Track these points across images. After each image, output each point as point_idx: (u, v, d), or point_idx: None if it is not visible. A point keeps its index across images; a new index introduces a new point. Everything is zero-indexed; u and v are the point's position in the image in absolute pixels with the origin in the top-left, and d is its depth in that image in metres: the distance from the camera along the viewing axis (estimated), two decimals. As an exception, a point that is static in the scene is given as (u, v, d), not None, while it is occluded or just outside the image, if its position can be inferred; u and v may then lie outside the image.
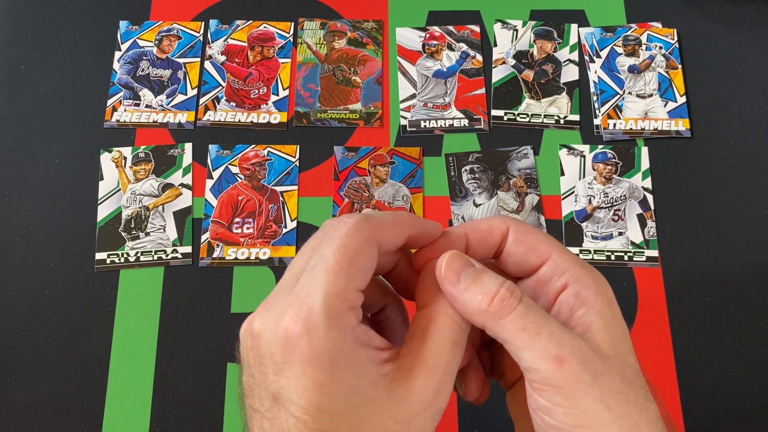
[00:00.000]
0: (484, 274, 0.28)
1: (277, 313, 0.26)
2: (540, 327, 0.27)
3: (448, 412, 0.49)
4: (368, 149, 0.57)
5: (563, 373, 0.26)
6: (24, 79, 0.60)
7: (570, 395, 0.26)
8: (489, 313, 0.27)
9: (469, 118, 0.59)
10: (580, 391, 0.26)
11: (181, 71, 0.60)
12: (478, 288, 0.27)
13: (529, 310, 0.27)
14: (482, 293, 0.27)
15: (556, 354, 0.26)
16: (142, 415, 0.49)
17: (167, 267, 0.54)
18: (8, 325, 0.52)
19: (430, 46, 0.61)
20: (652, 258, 0.54)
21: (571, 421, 0.26)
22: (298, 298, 0.25)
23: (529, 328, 0.26)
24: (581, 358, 0.26)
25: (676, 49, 0.61)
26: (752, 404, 0.50)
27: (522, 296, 0.27)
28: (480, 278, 0.28)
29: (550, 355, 0.26)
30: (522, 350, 0.27)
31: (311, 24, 0.62)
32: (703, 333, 0.52)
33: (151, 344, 0.51)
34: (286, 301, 0.26)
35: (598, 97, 0.59)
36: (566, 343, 0.26)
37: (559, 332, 0.27)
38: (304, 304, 0.25)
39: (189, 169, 0.57)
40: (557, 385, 0.26)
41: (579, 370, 0.26)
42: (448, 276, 0.28)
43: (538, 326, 0.27)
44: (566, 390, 0.26)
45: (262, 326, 0.26)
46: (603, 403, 0.26)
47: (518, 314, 0.27)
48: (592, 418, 0.26)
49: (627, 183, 0.56)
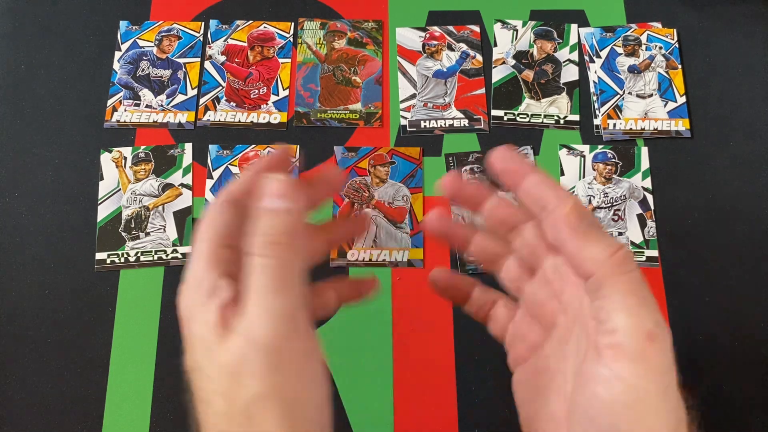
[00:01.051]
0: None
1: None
2: (647, 299, 0.26)
3: (449, 412, 0.49)
4: (368, 149, 0.57)
5: (649, 349, 0.25)
6: (24, 79, 0.60)
7: (641, 374, 0.25)
8: (607, 264, 0.26)
9: (469, 118, 0.59)
10: (652, 373, 0.26)
11: (181, 71, 0.60)
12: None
13: (642, 281, 0.26)
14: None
15: (652, 330, 0.26)
16: (142, 415, 0.49)
17: (167, 267, 0.54)
18: (8, 325, 0.52)
19: (430, 46, 0.61)
20: (652, 258, 0.54)
21: (626, 400, 0.25)
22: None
23: (638, 294, 0.26)
24: (667, 344, 0.26)
25: (676, 49, 0.61)
26: (752, 404, 0.50)
27: (637, 266, 0.27)
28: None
29: (646, 328, 0.26)
30: (621, 312, 0.26)
31: (311, 24, 0.62)
32: (703, 333, 0.52)
33: (151, 344, 0.51)
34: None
35: (598, 97, 0.59)
36: (662, 325, 0.26)
37: (659, 315, 0.26)
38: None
39: (189, 169, 0.57)
40: (636, 359, 0.25)
41: (661, 354, 0.26)
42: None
43: (646, 298, 0.26)
44: (641, 367, 0.25)
45: None
46: (663, 396, 0.26)
47: (635, 277, 0.26)
48: (648, 405, 0.25)
49: (627, 183, 0.56)
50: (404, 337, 0.51)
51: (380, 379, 0.48)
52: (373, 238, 0.55)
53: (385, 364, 0.51)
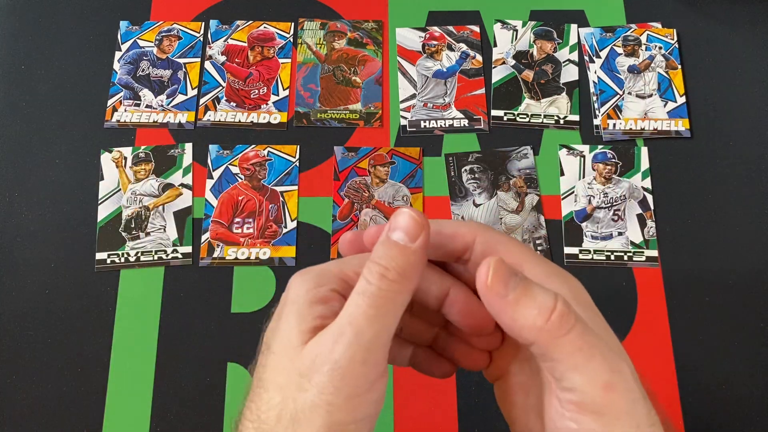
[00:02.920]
0: (533, 285, 0.26)
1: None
2: (594, 348, 0.25)
3: (449, 412, 0.49)
4: (368, 149, 0.57)
5: (609, 400, 0.25)
6: (24, 78, 0.60)
7: (606, 423, 0.25)
8: (545, 330, 0.25)
9: (468, 118, 0.59)
10: (618, 420, 0.25)
11: (182, 71, 0.60)
12: (531, 301, 0.25)
13: (586, 331, 0.25)
14: (537, 307, 0.25)
15: (608, 380, 0.25)
16: (143, 415, 0.49)
17: (167, 267, 0.54)
18: (8, 325, 0.52)
19: (430, 46, 0.61)
20: (651, 258, 0.54)
21: None
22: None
23: (585, 349, 0.25)
24: (627, 385, 0.25)
25: (675, 50, 0.61)
26: (752, 404, 0.50)
27: (578, 315, 0.25)
28: (531, 290, 0.26)
29: (601, 380, 0.25)
30: (572, 371, 0.25)
31: (311, 24, 0.62)
32: (703, 333, 0.52)
33: (151, 344, 0.51)
34: None
35: (597, 98, 0.59)
36: (616, 368, 0.25)
37: (609, 354, 0.25)
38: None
39: (189, 169, 0.57)
40: (599, 412, 0.25)
41: (622, 399, 0.25)
42: (495, 286, 0.26)
43: (593, 347, 0.25)
44: (606, 418, 0.25)
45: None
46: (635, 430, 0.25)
47: (578, 333, 0.25)
48: None
49: (627, 183, 0.56)
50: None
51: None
52: (373, 238, 0.55)
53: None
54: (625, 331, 0.52)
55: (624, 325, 0.52)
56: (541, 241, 0.54)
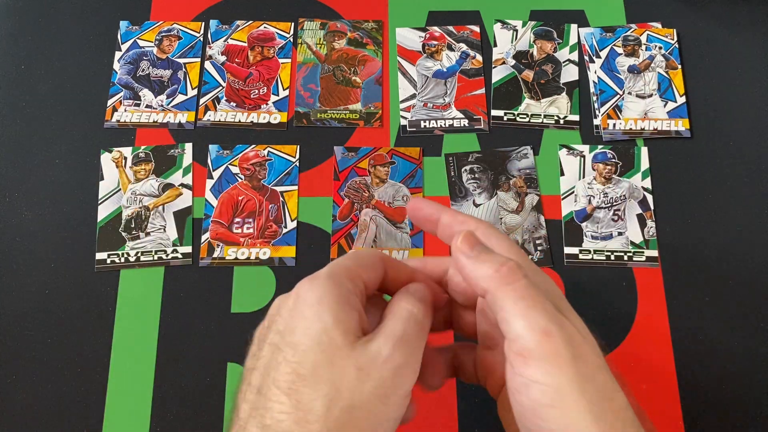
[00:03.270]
0: (493, 252, 0.32)
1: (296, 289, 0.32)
2: (537, 301, 0.29)
3: (449, 411, 0.49)
4: (368, 149, 0.57)
5: (547, 345, 0.27)
6: (24, 79, 0.60)
7: (548, 371, 0.27)
8: (495, 278, 0.30)
9: (468, 118, 0.59)
10: (558, 368, 0.27)
11: (182, 71, 0.60)
12: (489, 257, 0.31)
13: (531, 286, 0.29)
14: (492, 261, 0.30)
15: (545, 327, 0.28)
16: (143, 415, 0.49)
17: (167, 267, 0.54)
18: (8, 325, 0.52)
19: (430, 46, 0.61)
20: (651, 258, 0.54)
21: (545, 401, 0.27)
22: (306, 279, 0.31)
23: (527, 298, 0.29)
24: (567, 336, 0.28)
25: (675, 50, 0.61)
26: (752, 404, 0.50)
27: (527, 274, 0.30)
28: (490, 252, 0.31)
29: (539, 326, 0.28)
30: (515, 317, 0.28)
31: (311, 24, 0.62)
32: (703, 333, 0.52)
33: (151, 344, 0.51)
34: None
35: (597, 98, 0.59)
36: (556, 320, 0.28)
37: (553, 311, 0.29)
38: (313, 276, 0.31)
39: (189, 169, 0.57)
40: (538, 357, 0.27)
41: (562, 346, 0.27)
42: (462, 247, 0.32)
43: (535, 300, 0.29)
44: (546, 365, 0.27)
45: (281, 302, 0.32)
46: (578, 386, 0.27)
47: (522, 285, 0.29)
48: (566, 400, 0.27)
49: (627, 183, 0.56)
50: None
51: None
52: (373, 238, 0.55)
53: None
54: (625, 331, 0.52)
55: (624, 325, 0.52)
56: (541, 241, 0.54)
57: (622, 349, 0.51)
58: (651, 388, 0.50)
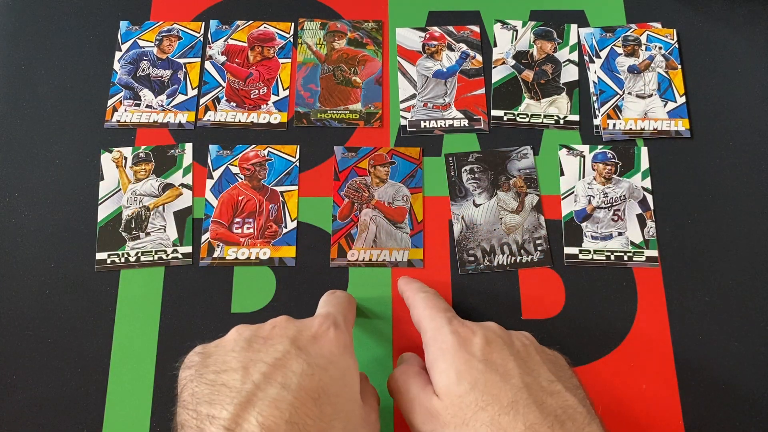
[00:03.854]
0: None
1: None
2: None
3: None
4: (368, 149, 0.57)
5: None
6: (24, 78, 0.60)
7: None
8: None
9: (468, 118, 0.59)
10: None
11: (182, 71, 0.60)
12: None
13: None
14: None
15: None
16: (143, 415, 0.49)
17: (167, 267, 0.54)
18: (8, 325, 0.52)
19: (430, 46, 0.61)
20: (651, 258, 0.54)
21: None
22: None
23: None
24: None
25: (675, 50, 0.61)
26: (752, 404, 0.50)
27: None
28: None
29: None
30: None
31: (311, 24, 0.62)
32: (703, 333, 0.52)
33: (151, 344, 0.51)
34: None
35: (597, 98, 0.59)
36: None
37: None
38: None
39: (189, 169, 0.57)
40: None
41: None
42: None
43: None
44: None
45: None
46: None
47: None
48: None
49: (627, 183, 0.56)
50: (404, 337, 0.51)
51: (380, 379, 0.48)
52: (373, 238, 0.55)
53: (385, 364, 0.51)
54: (625, 331, 0.52)
55: (624, 325, 0.52)
56: (541, 241, 0.54)
57: (621, 349, 0.51)
58: (651, 388, 0.50)
